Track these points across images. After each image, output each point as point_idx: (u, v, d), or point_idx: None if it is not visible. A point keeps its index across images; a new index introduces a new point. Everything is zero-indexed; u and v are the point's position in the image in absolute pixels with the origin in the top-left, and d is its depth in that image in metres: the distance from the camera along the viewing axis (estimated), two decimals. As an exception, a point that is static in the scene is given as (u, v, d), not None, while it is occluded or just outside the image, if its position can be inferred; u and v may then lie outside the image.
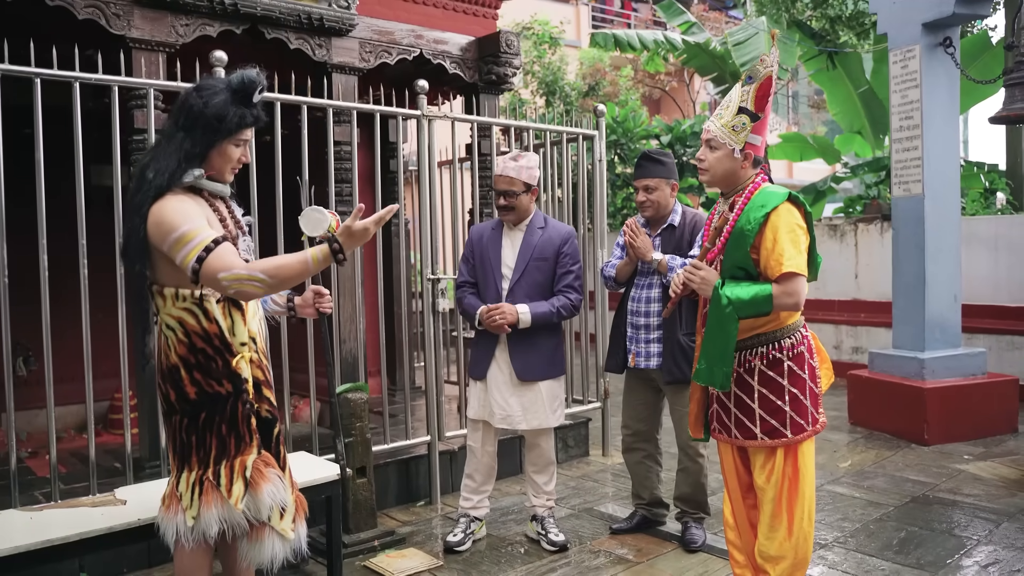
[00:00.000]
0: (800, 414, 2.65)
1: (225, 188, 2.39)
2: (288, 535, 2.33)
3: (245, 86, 2.29)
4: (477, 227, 3.90)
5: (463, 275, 3.79)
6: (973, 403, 5.63)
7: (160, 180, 2.22)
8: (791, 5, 9.57)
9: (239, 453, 2.29)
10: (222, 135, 2.26)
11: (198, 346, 2.28)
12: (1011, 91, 4.99)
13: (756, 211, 2.59)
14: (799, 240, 2.58)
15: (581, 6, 20.91)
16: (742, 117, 2.63)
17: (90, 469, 3.36)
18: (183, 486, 2.30)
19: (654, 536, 3.85)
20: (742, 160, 2.65)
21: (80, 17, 3.80)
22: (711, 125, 2.71)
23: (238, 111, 2.27)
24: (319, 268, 2.19)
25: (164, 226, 2.17)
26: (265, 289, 2.14)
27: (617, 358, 3.81)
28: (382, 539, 3.73)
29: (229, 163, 2.34)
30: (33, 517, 2.72)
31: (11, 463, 3.22)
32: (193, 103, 2.26)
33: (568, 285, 3.67)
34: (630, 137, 11.25)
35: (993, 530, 3.85)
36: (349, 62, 4.73)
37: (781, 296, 2.53)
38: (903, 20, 5.73)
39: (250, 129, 2.35)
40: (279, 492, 2.31)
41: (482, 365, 3.70)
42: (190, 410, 2.29)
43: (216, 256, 2.12)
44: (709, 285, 2.63)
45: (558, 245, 3.67)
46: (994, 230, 7.30)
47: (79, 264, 3.39)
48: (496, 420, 3.68)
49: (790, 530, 2.66)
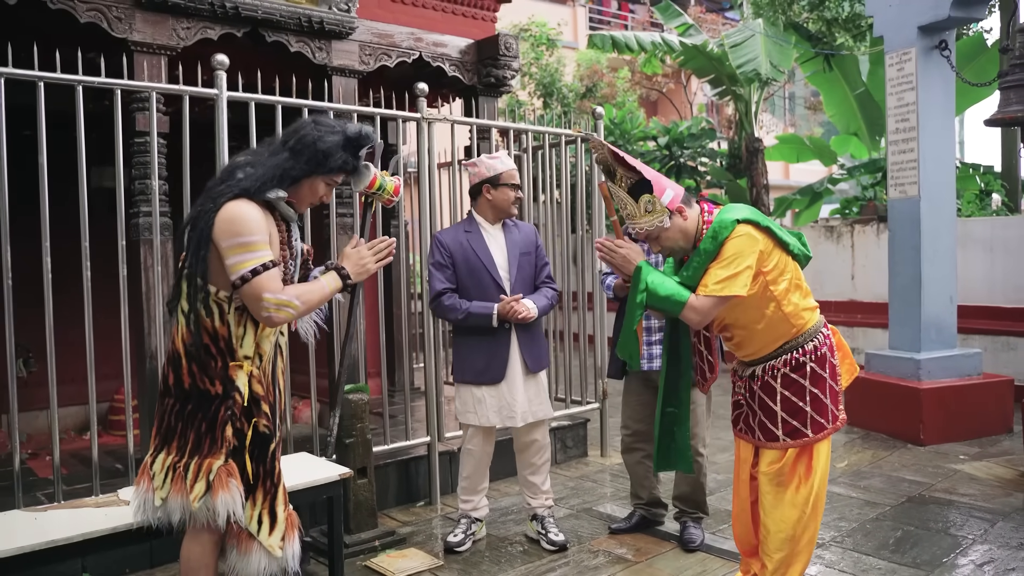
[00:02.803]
0: (820, 413, 2.68)
1: (293, 215, 2.46)
2: (275, 552, 2.32)
3: (359, 139, 2.45)
4: (446, 232, 3.79)
5: (443, 283, 3.66)
6: (969, 403, 5.66)
7: (249, 184, 2.29)
8: (788, 7, 9.61)
9: (209, 454, 2.30)
10: (322, 171, 2.41)
11: (203, 341, 2.31)
12: (1006, 94, 5.02)
13: (707, 242, 2.59)
14: (742, 264, 2.54)
15: (578, 8, 20.96)
16: (642, 196, 2.58)
17: (93, 470, 3.38)
18: (158, 466, 2.34)
19: (652, 536, 3.87)
20: (678, 219, 2.60)
21: (82, 20, 3.81)
22: (633, 228, 2.65)
23: (344, 156, 2.42)
24: (333, 290, 2.43)
25: (237, 224, 2.24)
26: (296, 315, 2.30)
27: (618, 364, 3.82)
28: (383, 539, 3.76)
29: (313, 197, 2.49)
30: (37, 518, 2.74)
31: (15, 464, 3.24)
32: (309, 132, 2.38)
33: (548, 276, 3.84)
34: (627, 139, 11.29)
35: (988, 529, 3.89)
36: (349, 65, 4.75)
37: (690, 309, 2.57)
38: (899, 23, 5.77)
39: (345, 175, 2.50)
40: (234, 504, 2.28)
41: (499, 367, 3.64)
42: (182, 397, 2.33)
43: (269, 277, 2.24)
44: (630, 264, 2.63)
45: (533, 239, 3.84)
46: (990, 231, 7.35)
47: (80, 266, 3.41)
48: (518, 420, 3.64)
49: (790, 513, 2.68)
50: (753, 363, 2.76)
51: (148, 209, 3.87)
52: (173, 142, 3.90)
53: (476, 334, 3.66)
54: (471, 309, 3.60)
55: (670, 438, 2.90)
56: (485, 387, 3.65)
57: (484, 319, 3.59)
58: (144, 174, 3.86)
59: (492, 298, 3.65)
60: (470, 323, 3.62)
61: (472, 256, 3.69)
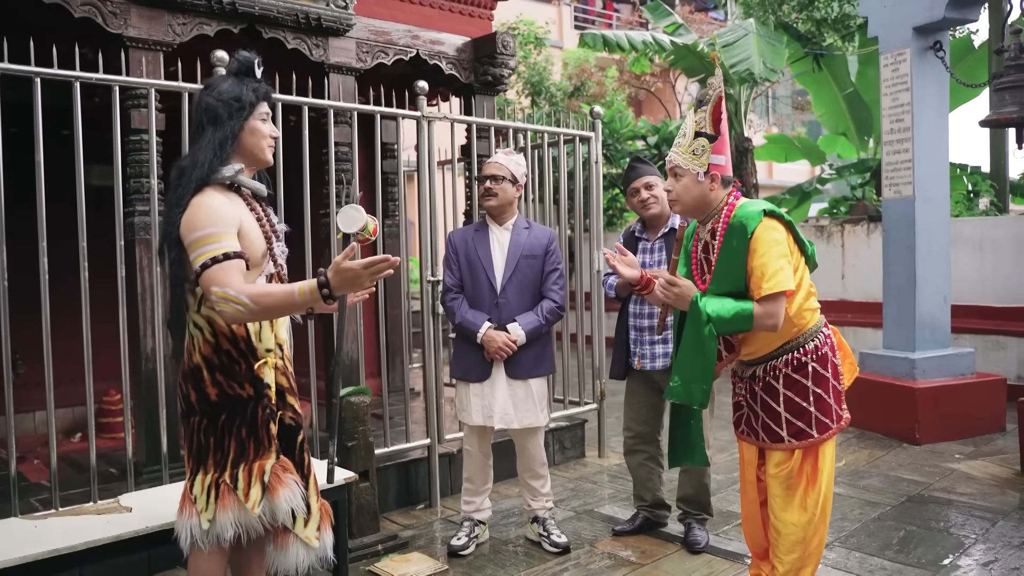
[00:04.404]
0: (825, 413, 2.67)
1: (262, 188, 2.39)
2: (313, 543, 2.32)
3: (244, 65, 2.36)
4: (457, 232, 3.87)
5: (450, 278, 3.75)
6: (963, 403, 5.70)
7: (200, 172, 2.23)
8: (778, 7, 9.64)
9: (258, 457, 2.27)
10: (245, 112, 2.31)
11: (223, 347, 2.26)
12: (1000, 95, 5.03)
13: (738, 236, 2.57)
14: (782, 255, 2.55)
15: (563, 6, 20.95)
16: (701, 140, 2.62)
17: (91, 475, 3.30)
18: (198, 488, 2.27)
19: (656, 537, 3.85)
20: (709, 183, 2.63)
21: (76, 15, 3.73)
22: (672, 155, 2.69)
23: (247, 86, 2.34)
24: (306, 302, 2.15)
25: (192, 222, 2.17)
26: (247, 315, 2.13)
27: (620, 364, 3.80)
28: (385, 543, 3.71)
29: (262, 139, 2.36)
30: (37, 525, 2.67)
31: (10, 469, 3.16)
32: (207, 99, 2.31)
33: (554, 284, 3.74)
34: (616, 138, 11.28)
35: (989, 528, 3.90)
36: (346, 62, 4.69)
37: (762, 317, 2.53)
38: (894, 24, 5.79)
39: (266, 102, 2.38)
40: (295, 498, 2.29)
41: (481, 367, 3.67)
42: (210, 411, 2.27)
43: (219, 269, 2.12)
44: (685, 300, 2.61)
45: (545, 244, 3.76)
46: (979, 231, 7.41)
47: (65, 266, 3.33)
48: (496, 421, 3.65)
49: (800, 516, 2.68)
50: (753, 363, 2.74)
51: (144, 208, 3.80)
52: (169, 140, 3.84)
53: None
54: (463, 321, 3.66)
55: (684, 431, 2.86)
56: (472, 384, 3.69)
57: (471, 335, 3.64)
58: (139, 172, 3.79)
59: (485, 297, 3.67)
60: (460, 332, 3.71)
61: (473, 254, 3.71)
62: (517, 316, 3.64)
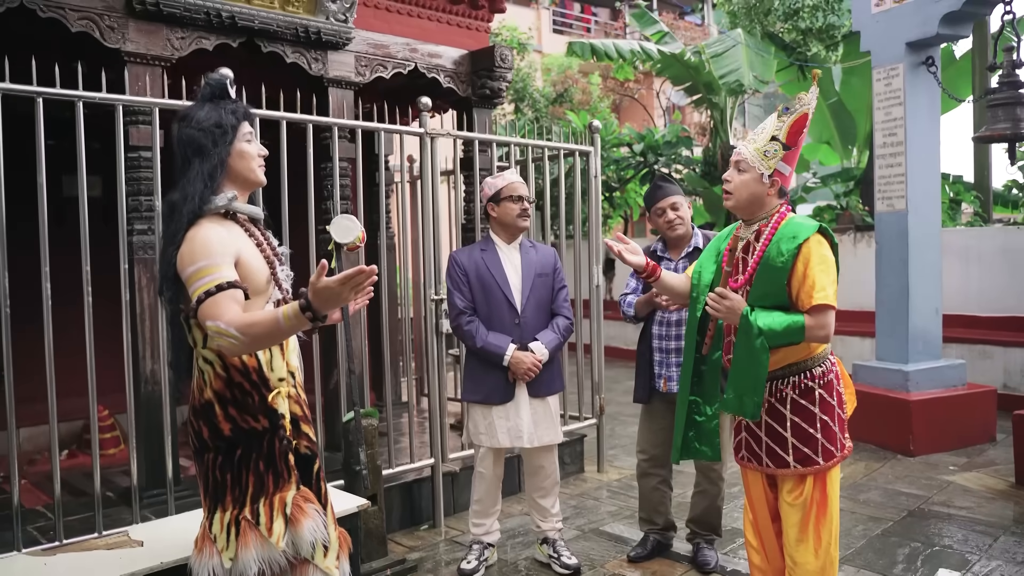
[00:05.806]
0: (830, 441, 2.67)
1: (259, 211, 2.33)
2: (332, 573, 2.27)
3: (217, 87, 2.29)
4: (462, 252, 3.77)
5: (462, 300, 3.64)
6: (955, 414, 5.76)
7: (191, 205, 2.16)
8: (763, 17, 9.70)
9: (278, 490, 2.22)
10: (229, 137, 2.24)
11: (235, 380, 2.20)
12: (994, 111, 5.11)
13: (787, 242, 2.60)
14: (830, 271, 2.60)
15: (542, 11, 20.96)
16: (775, 144, 2.66)
17: (95, 503, 3.18)
18: (217, 527, 2.21)
19: (666, 558, 3.83)
20: (768, 186, 2.66)
21: (73, 30, 3.63)
22: (743, 148, 2.72)
23: (225, 110, 2.26)
24: (292, 327, 2.06)
25: (187, 256, 2.12)
26: (240, 347, 2.06)
27: (644, 387, 3.73)
28: (394, 568, 3.66)
29: (251, 161, 2.30)
30: (47, 563, 2.59)
31: (13, 496, 3.03)
32: (187, 131, 2.24)
33: (564, 300, 3.77)
34: (602, 145, 11.27)
35: (992, 544, 3.94)
36: (345, 76, 4.62)
37: (813, 328, 2.56)
38: (887, 39, 5.85)
39: (247, 122, 2.31)
40: (319, 528, 2.24)
41: (504, 388, 3.60)
42: (224, 447, 2.21)
43: (213, 302, 2.05)
44: (735, 314, 2.62)
45: (552, 261, 3.78)
46: (964, 242, 7.51)
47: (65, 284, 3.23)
48: (524, 441, 3.60)
49: (816, 551, 2.68)
50: None
51: (142, 227, 3.71)
52: (167, 157, 3.75)
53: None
54: (487, 346, 3.56)
55: (693, 428, 2.85)
56: (496, 407, 3.61)
57: (496, 358, 3.56)
58: (137, 190, 3.70)
59: (505, 318, 3.61)
60: (483, 356, 3.60)
61: (486, 275, 3.63)
62: (537, 335, 3.61)
